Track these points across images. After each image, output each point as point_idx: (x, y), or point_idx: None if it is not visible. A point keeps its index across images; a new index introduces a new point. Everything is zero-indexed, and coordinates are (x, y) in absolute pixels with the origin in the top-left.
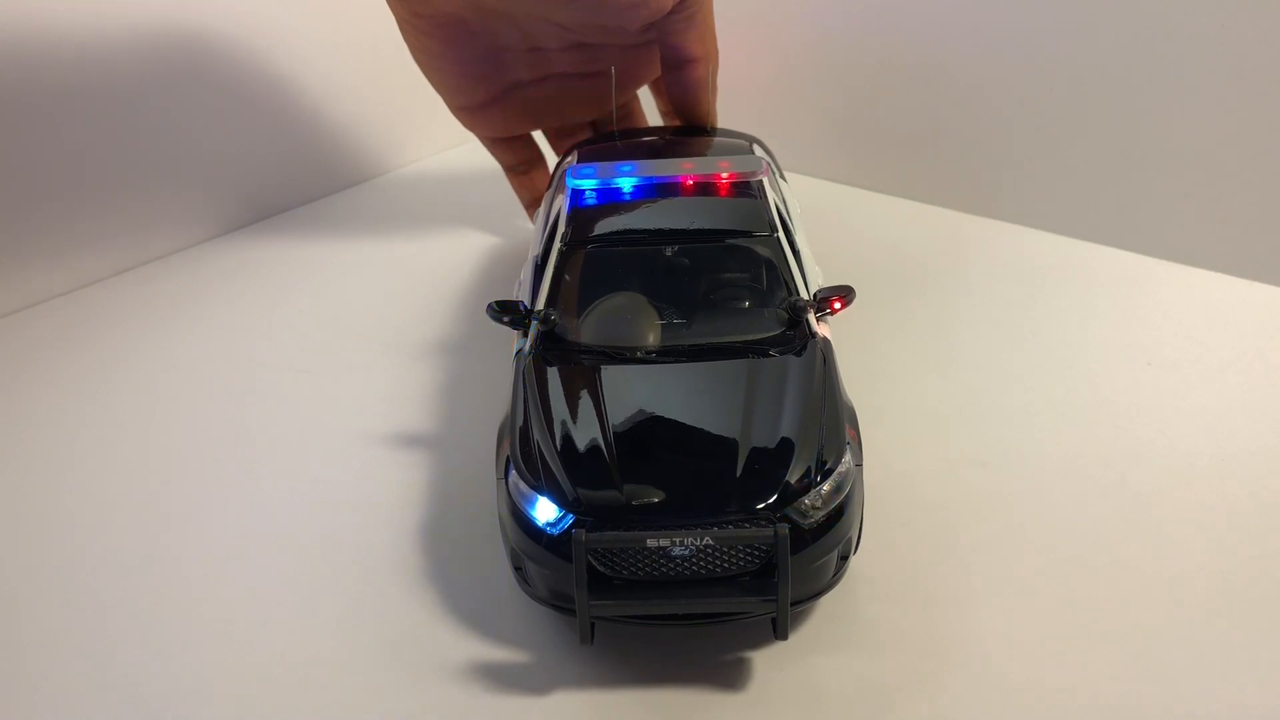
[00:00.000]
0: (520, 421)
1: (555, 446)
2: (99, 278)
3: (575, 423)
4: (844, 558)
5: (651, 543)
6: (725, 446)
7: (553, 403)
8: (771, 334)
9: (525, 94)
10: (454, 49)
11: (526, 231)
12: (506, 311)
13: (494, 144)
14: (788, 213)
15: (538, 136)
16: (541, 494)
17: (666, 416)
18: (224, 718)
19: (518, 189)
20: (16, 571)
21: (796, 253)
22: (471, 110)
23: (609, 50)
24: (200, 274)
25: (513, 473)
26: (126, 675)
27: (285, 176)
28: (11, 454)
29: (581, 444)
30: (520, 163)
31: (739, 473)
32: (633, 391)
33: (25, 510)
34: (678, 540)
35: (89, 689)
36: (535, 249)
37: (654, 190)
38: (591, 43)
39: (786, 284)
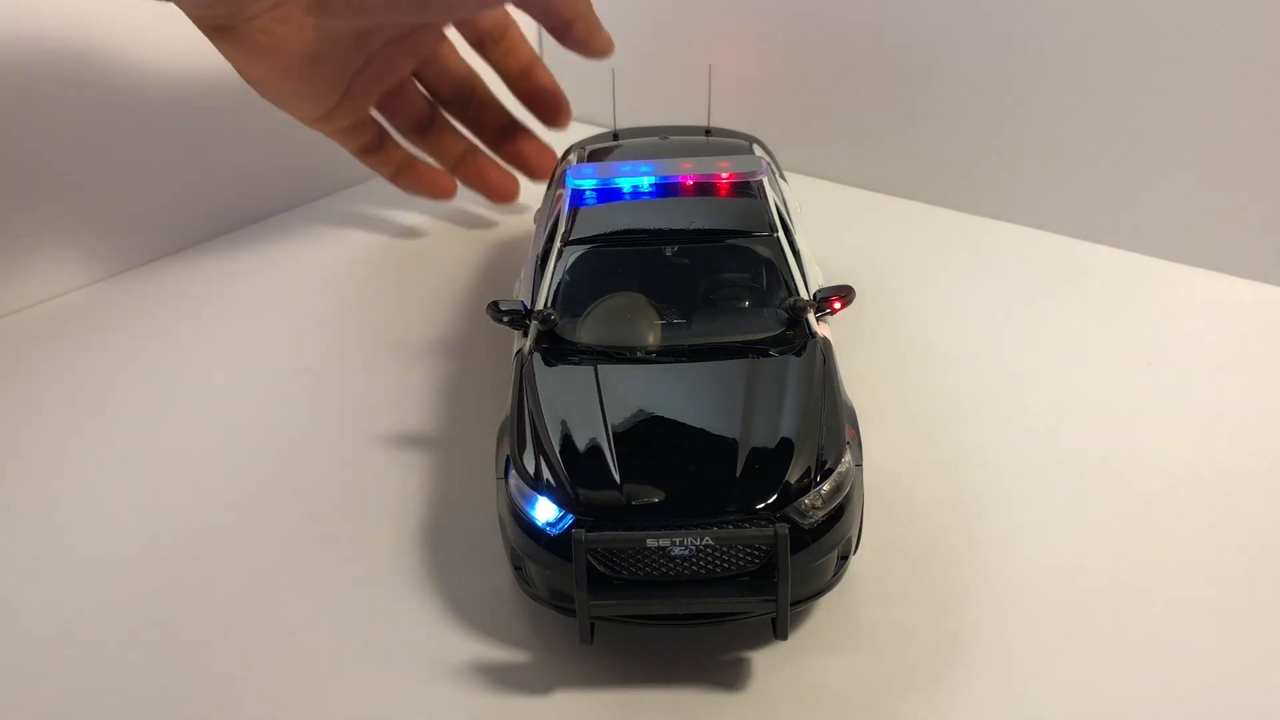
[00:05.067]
0: (520, 421)
1: (555, 446)
2: (98, 278)
3: (575, 422)
4: (844, 558)
5: (651, 542)
6: (725, 446)
7: (552, 402)
8: (771, 334)
9: (364, 75)
10: (304, 79)
11: (527, 231)
12: (506, 311)
13: (342, 135)
14: (788, 213)
15: None
16: (541, 494)
17: (666, 416)
18: (223, 717)
19: (378, 165)
20: (16, 571)
21: (796, 253)
22: (326, 115)
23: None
24: (200, 274)
25: (512, 472)
26: (126, 675)
27: (285, 176)
28: (10, 454)
29: (581, 444)
30: (371, 139)
31: (739, 472)
32: (632, 391)
33: (24, 510)
34: (678, 540)
35: (89, 689)
36: (535, 248)
37: (654, 190)
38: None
39: (786, 284)
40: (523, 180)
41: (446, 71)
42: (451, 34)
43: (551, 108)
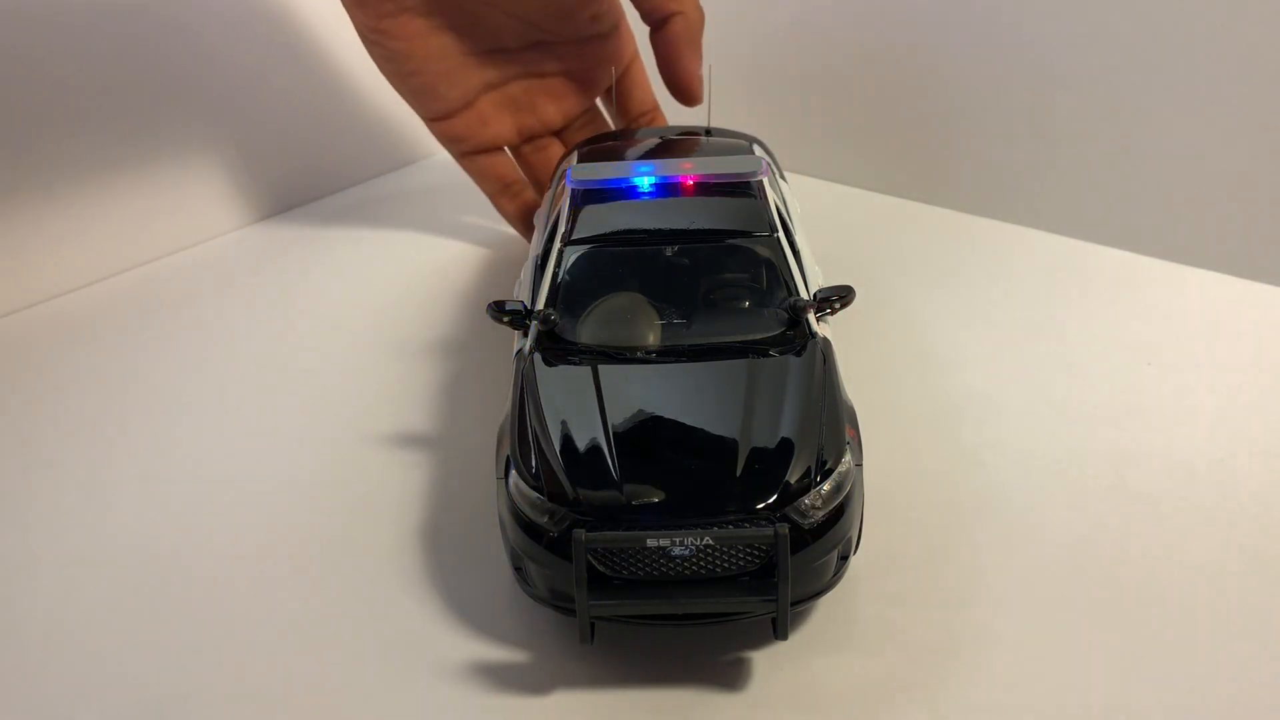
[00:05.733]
0: (520, 421)
1: (555, 446)
2: (99, 278)
3: (575, 422)
4: (844, 558)
5: (651, 542)
6: (725, 446)
7: (553, 402)
8: (771, 334)
9: (494, 97)
10: (421, 49)
11: None
12: (506, 311)
13: (477, 166)
14: (788, 213)
15: None
16: (541, 493)
17: (666, 416)
18: (223, 718)
19: (515, 217)
20: (16, 571)
21: (796, 253)
22: (446, 118)
23: (566, 48)
24: (200, 274)
25: (513, 472)
26: (126, 675)
27: (285, 177)
28: (11, 452)
29: (581, 443)
30: (511, 183)
31: (739, 472)
32: (633, 391)
33: (25, 509)
34: (678, 540)
35: (89, 689)
36: (535, 248)
37: (654, 190)
38: (548, 40)
39: (786, 284)
40: None
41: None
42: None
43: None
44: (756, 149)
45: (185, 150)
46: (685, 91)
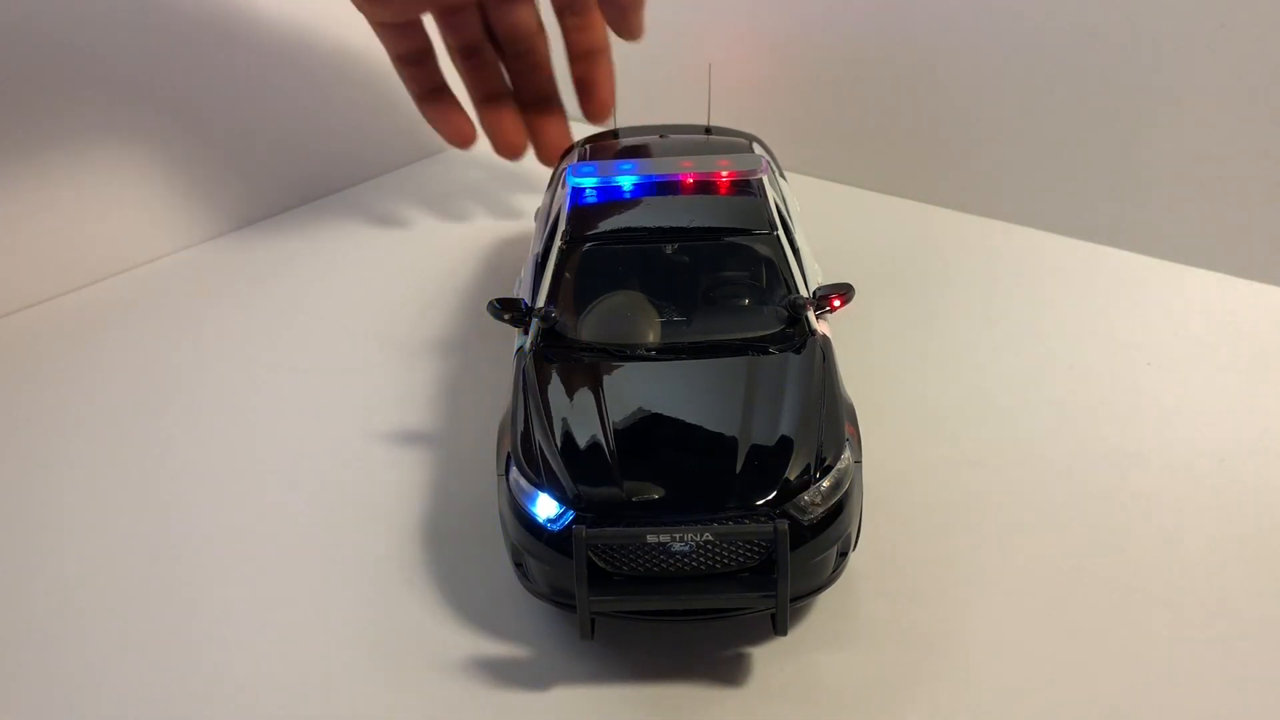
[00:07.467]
0: (521, 418)
1: (556, 443)
2: (99, 278)
3: (575, 420)
4: (843, 554)
5: (652, 538)
6: (725, 443)
7: (553, 400)
8: (771, 331)
9: None
10: None
11: (527, 230)
12: (507, 309)
13: (387, 31)
14: (787, 211)
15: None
16: (542, 490)
17: (666, 413)
18: (224, 717)
19: (409, 80)
20: (17, 572)
21: (796, 251)
22: None
23: None
24: (200, 274)
25: (513, 469)
26: (127, 676)
27: (284, 177)
28: (11, 453)
29: (582, 441)
30: (413, 51)
31: (739, 469)
32: (633, 388)
33: (25, 510)
34: (678, 536)
35: (89, 689)
36: (535, 247)
37: (654, 188)
38: None
39: (786, 282)
40: (522, 175)
41: (514, 18)
42: None
43: (598, 100)
44: (756, 147)
45: (185, 150)
46: (627, 16)
